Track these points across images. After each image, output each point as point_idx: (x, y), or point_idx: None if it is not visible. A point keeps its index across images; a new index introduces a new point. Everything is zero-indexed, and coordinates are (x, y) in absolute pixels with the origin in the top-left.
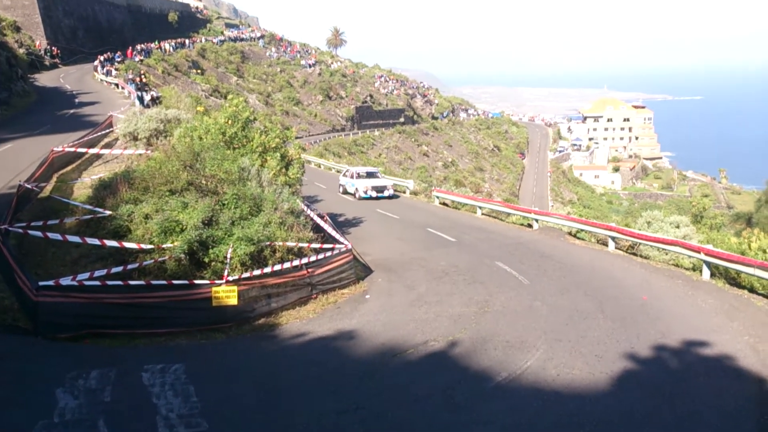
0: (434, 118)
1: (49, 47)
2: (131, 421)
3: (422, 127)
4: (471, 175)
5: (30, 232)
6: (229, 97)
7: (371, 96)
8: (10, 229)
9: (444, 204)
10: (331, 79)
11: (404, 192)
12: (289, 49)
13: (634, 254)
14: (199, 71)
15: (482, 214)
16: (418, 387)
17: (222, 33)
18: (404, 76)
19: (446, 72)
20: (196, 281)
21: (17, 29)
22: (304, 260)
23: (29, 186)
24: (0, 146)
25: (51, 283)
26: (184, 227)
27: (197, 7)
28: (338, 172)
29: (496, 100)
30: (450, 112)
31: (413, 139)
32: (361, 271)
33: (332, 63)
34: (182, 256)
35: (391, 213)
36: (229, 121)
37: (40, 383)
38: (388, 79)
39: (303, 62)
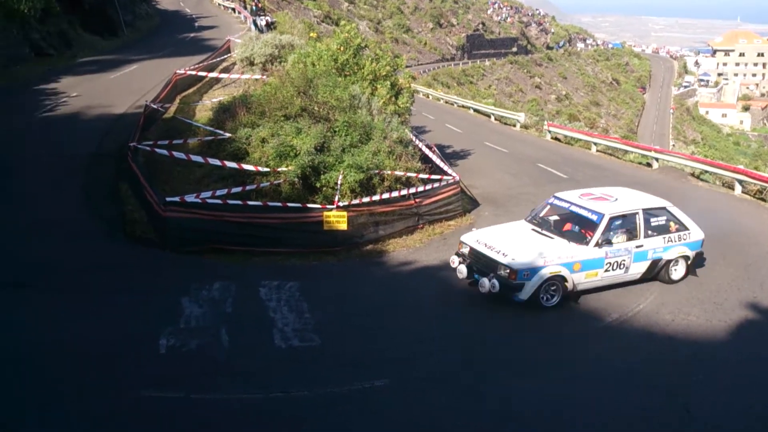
0: (549, 48)
1: None
2: (250, 331)
3: (536, 57)
4: (586, 109)
5: (157, 150)
6: (342, 23)
7: (483, 24)
8: (139, 146)
9: (556, 139)
10: (442, 5)
11: (514, 125)
12: None
13: (763, 200)
14: None
15: (597, 151)
16: (519, 320)
17: None
18: (519, 2)
19: None
20: (309, 205)
21: None
22: (412, 190)
23: (155, 106)
24: (127, 67)
25: (177, 199)
26: (298, 152)
27: None
28: (447, 103)
29: (617, 30)
30: (566, 42)
31: (525, 71)
32: (467, 203)
33: None
34: (296, 180)
35: (500, 146)
36: (341, 48)
37: (167, 292)
38: (501, 5)
39: None
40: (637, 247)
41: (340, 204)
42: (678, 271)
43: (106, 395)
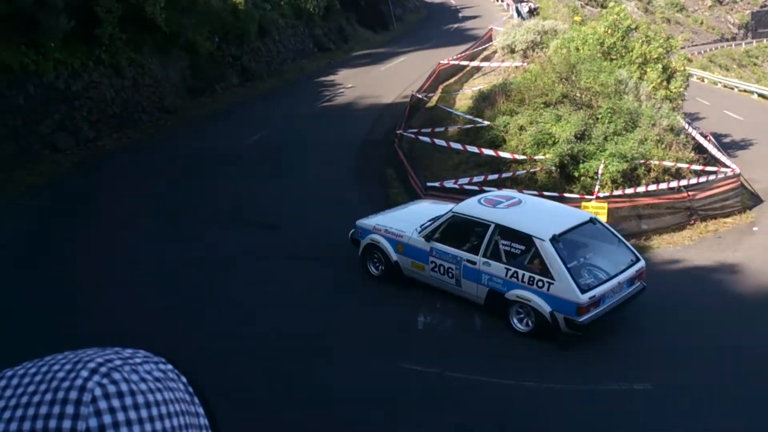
0: None
1: None
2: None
3: None
4: None
5: (420, 137)
6: (610, 5)
7: None
8: (404, 134)
9: None
10: None
11: None
12: None
13: None
14: None
15: None
16: None
17: None
18: None
19: None
20: (567, 195)
21: None
22: (683, 182)
23: (419, 96)
24: (395, 59)
25: (437, 184)
26: (557, 140)
27: None
28: (726, 87)
29: None
30: None
31: None
32: (748, 199)
33: None
34: (553, 168)
35: None
36: (609, 31)
37: None
38: None
39: None
40: (468, 261)
41: (600, 195)
42: (524, 323)
43: (367, 365)
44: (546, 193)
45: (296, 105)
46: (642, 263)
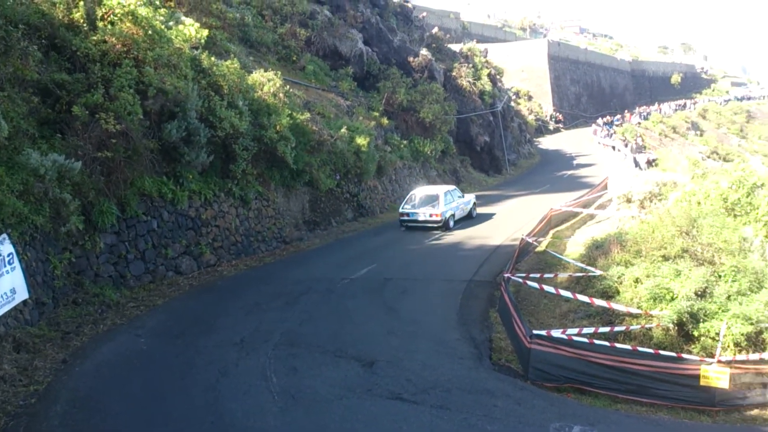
0: None
1: (554, 113)
2: None
3: None
4: None
5: (528, 282)
6: (735, 161)
7: None
8: (512, 277)
9: None
10: None
11: None
12: None
13: None
14: (698, 132)
15: None
16: None
17: (726, 92)
18: None
19: None
20: (684, 355)
21: (529, 98)
22: None
23: (529, 240)
24: (507, 201)
25: (543, 333)
26: (675, 296)
27: (702, 68)
28: None
29: None
30: None
31: None
32: None
33: None
34: (670, 325)
35: None
36: (733, 187)
37: (526, 427)
38: None
39: None
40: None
41: (722, 358)
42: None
43: None
44: (662, 352)
45: (406, 241)
46: None
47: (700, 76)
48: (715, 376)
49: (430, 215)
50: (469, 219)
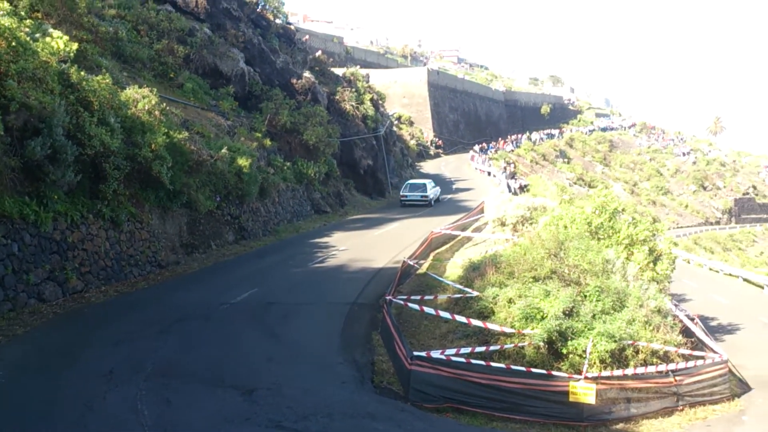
0: None
1: (434, 138)
2: None
3: None
4: None
5: (409, 304)
6: (598, 187)
7: (754, 187)
8: (394, 300)
9: None
10: (707, 168)
11: None
12: (661, 137)
13: None
14: (565, 160)
15: None
16: None
17: (591, 123)
18: None
19: None
20: (554, 373)
21: (411, 123)
22: (671, 366)
23: (411, 262)
24: (389, 225)
25: (423, 354)
26: (545, 315)
27: (569, 99)
28: (711, 270)
29: None
30: None
31: None
32: (736, 386)
33: (710, 151)
34: (541, 344)
35: None
36: (596, 212)
37: None
38: None
39: (676, 150)
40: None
41: (588, 375)
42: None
43: None
44: (534, 370)
45: (288, 264)
46: None
47: (568, 107)
48: (583, 392)
49: (421, 197)
50: (429, 207)
